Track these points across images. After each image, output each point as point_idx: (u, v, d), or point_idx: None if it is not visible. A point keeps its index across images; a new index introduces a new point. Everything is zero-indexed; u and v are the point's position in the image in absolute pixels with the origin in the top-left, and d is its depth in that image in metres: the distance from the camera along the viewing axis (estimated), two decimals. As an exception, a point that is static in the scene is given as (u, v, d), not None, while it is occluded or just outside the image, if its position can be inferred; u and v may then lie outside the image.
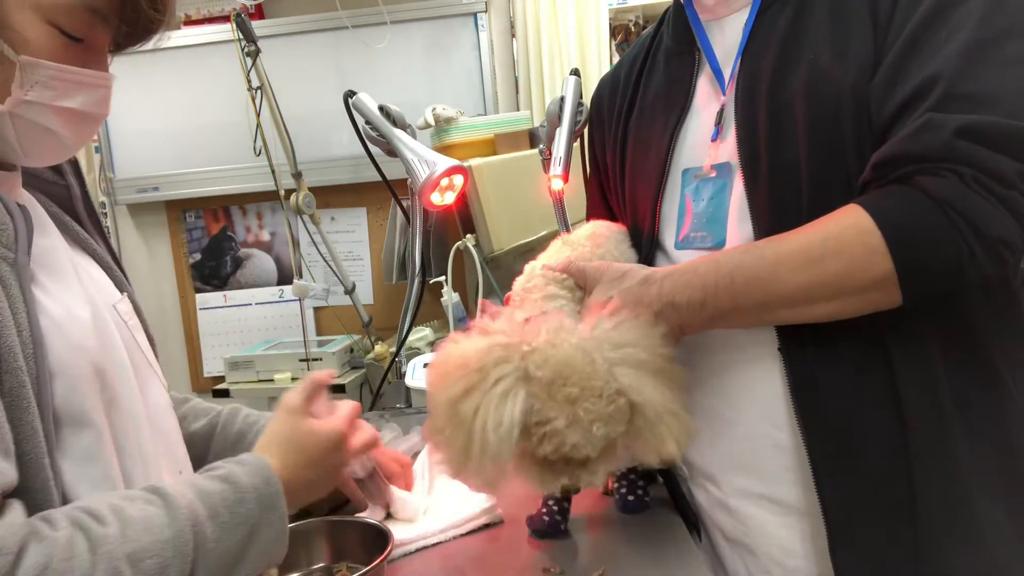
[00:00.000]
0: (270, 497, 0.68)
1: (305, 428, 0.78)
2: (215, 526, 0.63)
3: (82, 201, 0.82)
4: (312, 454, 0.77)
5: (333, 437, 0.79)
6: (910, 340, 0.77)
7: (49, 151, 0.69)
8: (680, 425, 0.77)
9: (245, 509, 0.66)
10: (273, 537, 0.68)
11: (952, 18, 0.72)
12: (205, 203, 2.73)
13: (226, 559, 0.64)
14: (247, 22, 2.16)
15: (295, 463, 0.75)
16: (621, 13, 2.54)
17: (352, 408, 0.85)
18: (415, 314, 1.82)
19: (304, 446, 0.77)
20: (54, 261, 0.70)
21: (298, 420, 0.78)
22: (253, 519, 0.66)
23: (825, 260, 0.73)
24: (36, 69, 0.62)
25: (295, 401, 0.80)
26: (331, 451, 0.79)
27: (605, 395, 0.72)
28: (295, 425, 0.78)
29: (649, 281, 0.82)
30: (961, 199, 0.68)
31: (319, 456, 0.78)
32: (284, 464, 0.73)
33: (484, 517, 0.99)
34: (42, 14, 0.62)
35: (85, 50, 0.66)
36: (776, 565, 0.86)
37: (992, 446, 0.77)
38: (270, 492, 0.69)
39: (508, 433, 0.71)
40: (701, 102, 0.92)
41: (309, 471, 0.76)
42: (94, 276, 0.78)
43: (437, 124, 1.97)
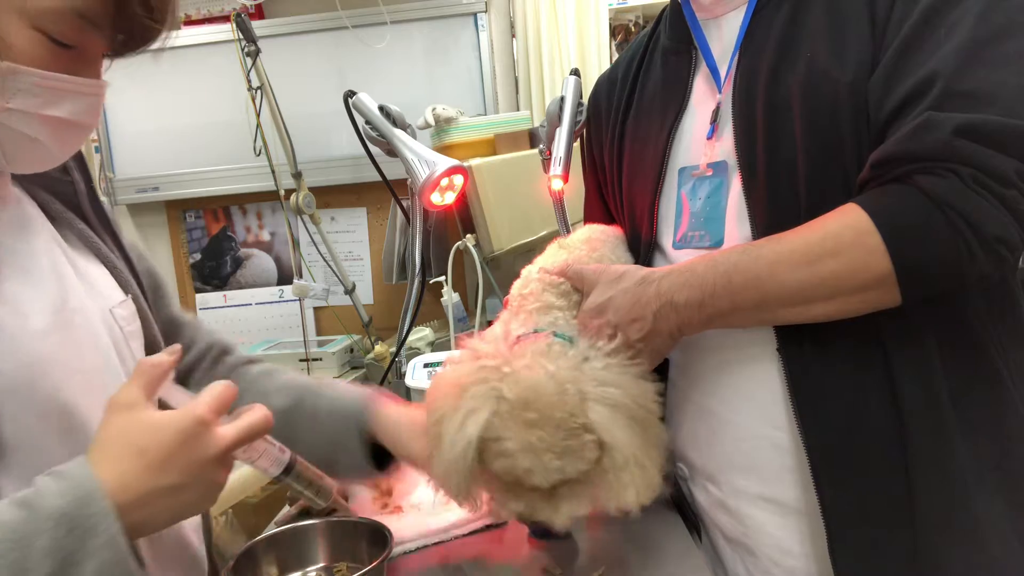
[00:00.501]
0: (87, 520, 0.54)
1: (143, 422, 0.59)
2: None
3: (88, 198, 0.80)
4: (158, 454, 0.58)
5: (187, 426, 0.59)
6: (909, 340, 0.77)
7: (33, 159, 0.66)
8: (646, 478, 0.74)
9: (46, 542, 0.52)
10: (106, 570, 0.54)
11: (950, 16, 0.72)
12: (205, 203, 2.73)
13: None
14: (247, 22, 2.16)
15: (136, 469, 0.57)
16: (621, 13, 2.54)
17: (218, 390, 0.63)
18: (415, 314, 1.82)
19: (144, 446, 0.58)
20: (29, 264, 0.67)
21: (132, 414, 0.60)
22: (63, 552, 0.53)
23: (823, 260, 0.73)
24: (18, 76, 0.59)
25: (126, 394, 0.61)
26: (187, 444, 0.59)
27: (565, 427, 0.71)
28: (129, 421, 0.59)
29: (647, 281, 0.82)
30: (960, 198, 0.68)
31: (169, 454, 0.58)
32: (119, 474, 0.57)
33: (487, 518, 0.99)
34: (28, 19, 0.59)
35: (76, 56, 0.63)
36: (775, 565, 0.86)
37: (990, 444, 0.77)
38: (87, 515, 0.54)
39: (465, 446, 0.72)
40: (698, 100, 0.92)
41: (161, 476, 0.58)
42: (91, 276, 0.76)
43: (437, 124, 1.97)
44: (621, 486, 0.74)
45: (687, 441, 0.94)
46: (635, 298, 0.81)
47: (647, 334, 0.80)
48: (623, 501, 0.74)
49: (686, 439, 0.94)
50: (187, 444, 0.59)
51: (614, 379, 0.75)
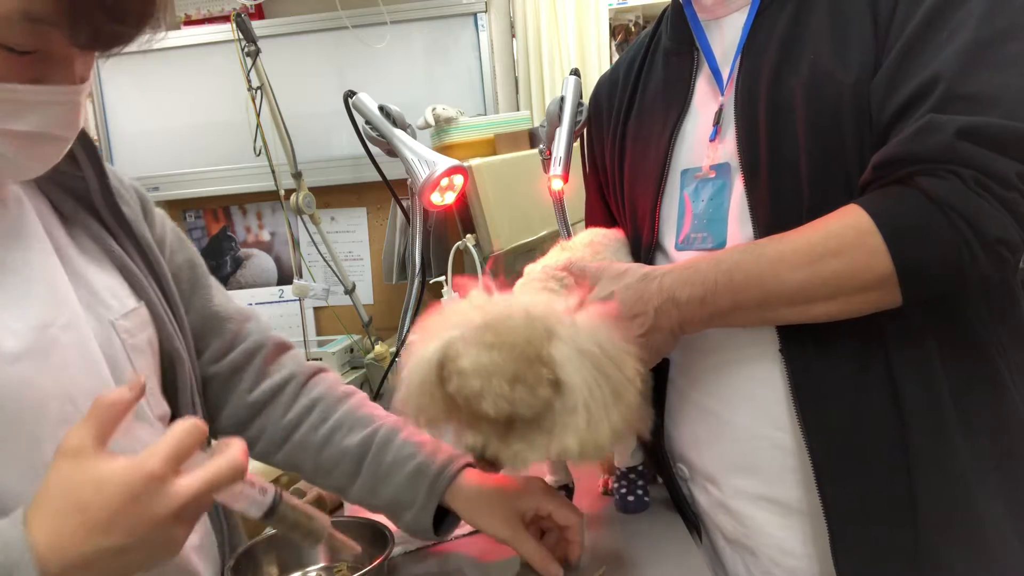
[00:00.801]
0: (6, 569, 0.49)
1: (88, 476, 0.52)
2: None
3: (101, 194, 0.75)
4: (101, 513, 0.51)
5: (134, 482, 0.51)
6: (910, 340, 0.77)
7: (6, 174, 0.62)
8: (593, 432, 0.70)
9: None
10: None
11: (953, 19, 0.72)
12: (205, 203, 2.73)
13: None
14: (247, 22, 2.16)
15: (73, 529, 0.51)
16: (621, 13, 2.54)
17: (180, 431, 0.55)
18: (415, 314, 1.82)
19: (85, 503, 0.51)
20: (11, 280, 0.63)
21: (78, 464, 0.52)
22: None
23: (825, 259, 0.73)
24: None
25: (76, 438, 0.53)
26: (136, 503, 0.51)
27: (522, 355, 0.68)
28: (73, 472, 0.52)
29: (649, 277, 0.82)
30: (962, 200, 0.68)
31: (114, 513, 0.51)
32: (56, 533, 0.51)
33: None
34: None
35: (40, 61, 0.57)
36: (776, 566, 0.86)
37: (991, 446, 0.78)
38: (9, 563, 0.49)
39: (425, 364, 0.72)
40: (700, 102, 0.92)
41: (101, 537, 0.51)
42: (97, 284, 0.72)
43: (437, 124, 1.97)
44: (563, 429, 0.70)
45: (688, 442, 0.94)
46: (637, 294, 0.81)
47: (648, 330, 0.80)
48: (562, 445, 0.70)
49: (687, 440, 0.94)
50: (134, 502, 0.52)
51: (592, 330, 0.73)
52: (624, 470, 0.97)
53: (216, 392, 0.91)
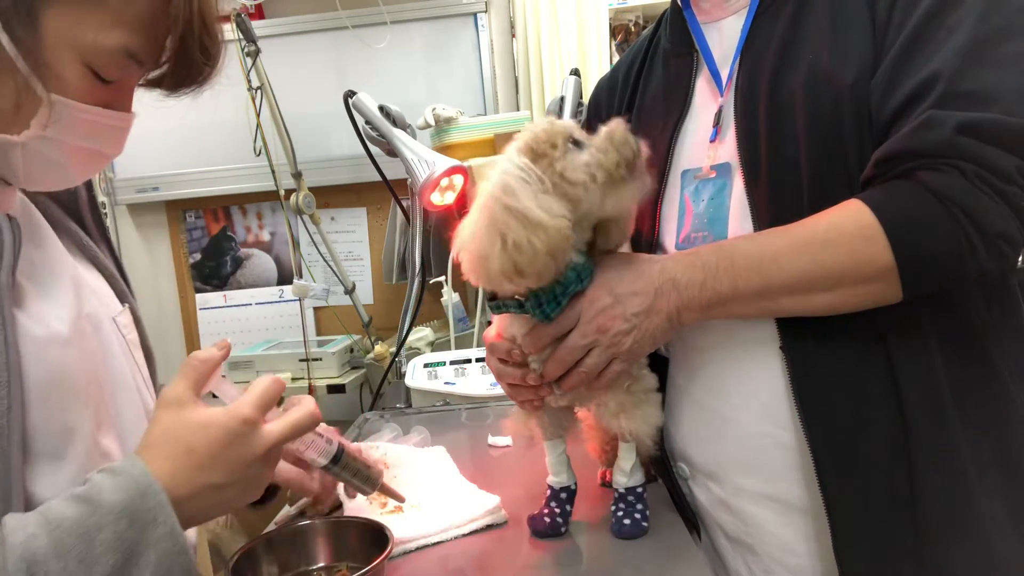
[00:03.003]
0: (147, 513, 0.56)
1: (191, 421, 0.61)
2: (64, 562, 0.52)
3: (88, 207, 0.80)
4: (206, 453, 0.60)
5: (232, 426, 0.61)
6: (910, 338, 0.77)
7: (52, 181, 0.67)
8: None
9: (110, 534, 0.54)
10: (164, 559, 0.56)
11: (951, 18, 0.72)
12: (205, 203, 2.73)
13: None
14: (247, 22, 2.15)
15: (185, 467, 0.59)
16: (621, 13, 2.54)
17: (265, 385, 0.65)
18: (415, 314, 1.82)
19: (192, 445, 0.60)
20: (46, 274, 0.67)
21: (181, 413, 0.62)
22: (127, 543, 0.55)
23: (826, 249, 0.74)
24: (62, 109, 0.60)
25: (176, 391, 0.63)
26: (233, 444, 0.61)
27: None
28: (177, 420, 0.61)
29: (652, 260, 0.83)
30: (962, 194, 0.68)
31: (216, 453, 0.61)
32: (171, 471, 0.59)
33: (488, 518, 0.99)
34: (79, 55, 0.59)
35: (113, 89, 0.64)
36: (778, 564, 0.86)
37: (991, 443, 0.78)
38: (147, 508, 0.56)
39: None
40: (700, 103, 0.92)
41: (208, 473, 0.60)
42: (95, 287, 0.75)
43: (437, 124, 1.97)
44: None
45: (688, 440, 0.94)
46: (639, 273, 0.82)
47: (645, 309, 0.80)
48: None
49: (687, 437, 0.94)
50: (233, 444, 0.61)
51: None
52: (623, 491, 0.93)
53: None
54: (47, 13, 0.57)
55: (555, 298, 0.80)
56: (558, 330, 0.82)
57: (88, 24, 0.59)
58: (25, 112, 0.59)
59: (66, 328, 0.65)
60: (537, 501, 0.97)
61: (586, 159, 0.75)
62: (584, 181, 0.75)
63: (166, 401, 0.63)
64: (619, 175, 0.75)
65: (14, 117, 0.59)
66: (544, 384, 0.86)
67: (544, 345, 0.83)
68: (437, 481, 1.11)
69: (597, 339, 0.81)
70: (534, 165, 0.76)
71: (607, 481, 1.05)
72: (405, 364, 1.79)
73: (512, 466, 1.24)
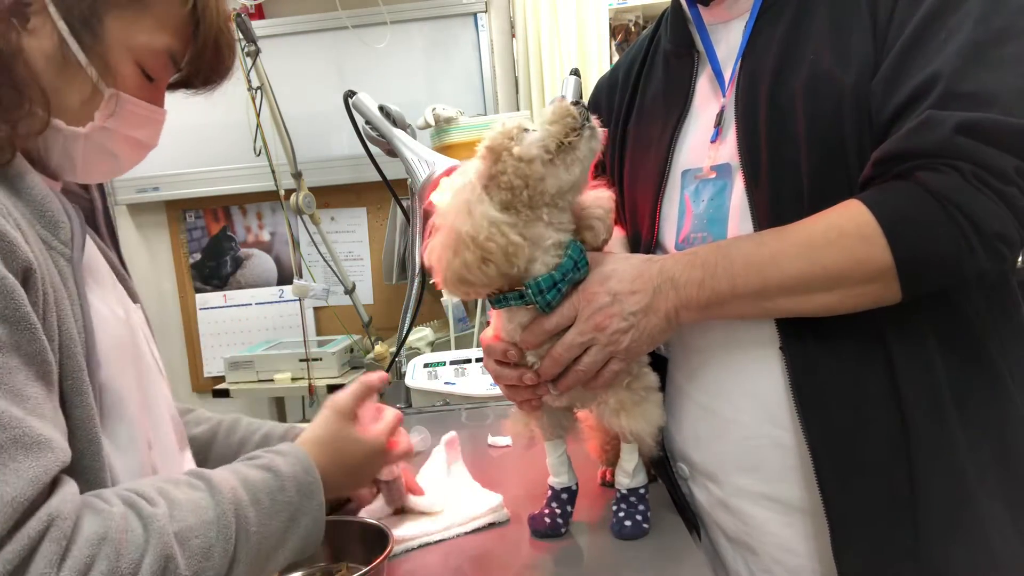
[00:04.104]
0: (309, 486, 0.72)
1: (351, 435, 0.82)
2: (257, 511, 0.66)
3: (103, 216, 0.86)
4: (352, 462, 0.82)
5: (377, 448, 0.84)
6: (910, 338, 0.77)
7: (104, 171, 0.76)
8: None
9: (285, 497, 0.69)
10: (311, 525, 0.71)
11: (951, 19, 0.72)
12: (205, 203, 2.73)
13: (267, 544, 0.67)
14: (247, 22, 2.16)
15: (334, 465, 0.78)
16: (621, 13, 2.54)
17: (395, 418, 0.89)
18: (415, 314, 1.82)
19: (346, 453, 0.81)
20: (95, 264, 0.75)
21: (344, 425, 0.82)
22: (293, 506, 0.69)
23: (824, 249, 0.74)
24: (120, 102, 0.70)
25: (344, 403, 0.83)
26: (371, 462, 0.84)
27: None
28: (340, 430, 0.82)
29: (652, 260, 0.83)
30: (960, 194, 0.68)
31: (359, 464, 0.83)
32: (322, 464, 0.75)
33: (489, 516, 0.99)
34: (133, 55, 0.70)
35: (154, 88, 0.74)
36: (778, 564, 0.86)
37: (991, 443, 0.78)
38: (309, 481, 0.72)
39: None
40: (700, 104, 0.92)
41: (344, 476, 0.81)
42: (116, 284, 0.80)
43: (437, 124, 1.97)
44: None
45: (688, 440, 0.94)
46: (638, 272, 0.82)
47: (643, 308, 0.81)
48: None
49: (687, 438, 0.94)
50: (372, 463, 0.86)
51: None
52: (624, 492, 0.94)
53: None
54: (108, 20, 0.68)
55: (555, 284, 0.80)
56: (556, 325, 0.82)
57: (140, 28, 0.69)
58: (88, 107, 0.69)
59: (118, 309, 0.74)
60: (537, 501, 0.97)
61: (537, 136, 0.79)
62: (538, 155, 0.78)
63: (334, 407, 0.83)
64: (569, 142, 0.78)
65: (80, 111, 0.69)
66: (541, 384, 0.86)
67: (541, 341, 0.83)
68: (441, 479, 1.12)
69: (595, 337, 0.81)
70: (495, 164, 0.79)
71: (607, 480, 1.05)
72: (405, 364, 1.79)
73: (512, 466, 1.24)
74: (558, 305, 0.81)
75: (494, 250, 0.77)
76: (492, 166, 0.79)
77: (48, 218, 0.66)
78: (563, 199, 0.81)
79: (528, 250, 0.79)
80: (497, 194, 0.79)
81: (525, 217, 0.80)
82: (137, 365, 0.74)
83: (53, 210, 0.66)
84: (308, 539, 0.71)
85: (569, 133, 0.78)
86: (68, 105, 0.68)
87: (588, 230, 0.85)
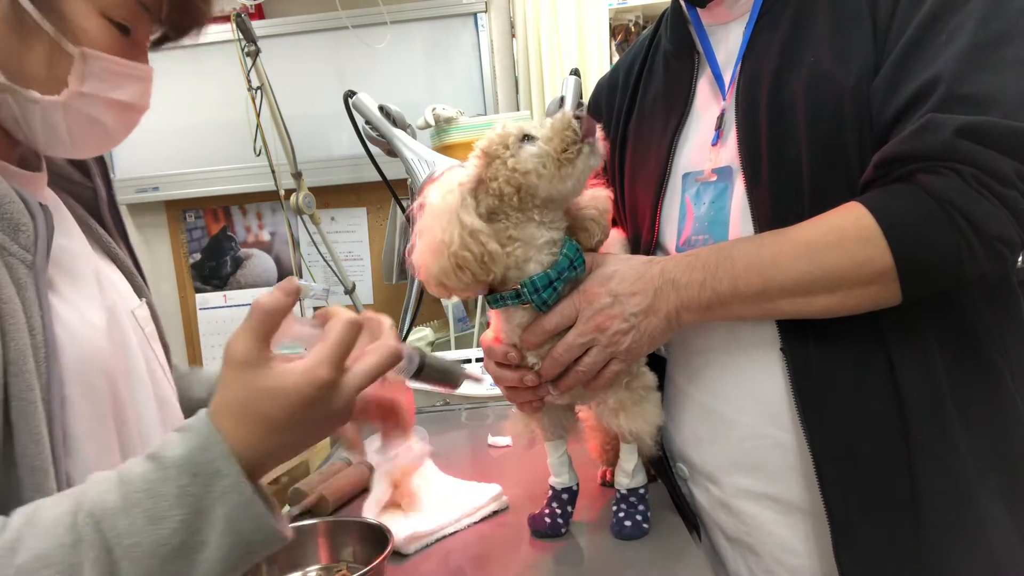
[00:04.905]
0: (209, 465, 0.53)
1: (264, 387, 0.56)
2: (131, 517, 0.51)
3: (107, 204, 0.82)
4: (282, 418, 0.56)
5: (310, 392, 0.56)
6: (911, 339, 0.77)
7: (96, 142, 0.70)
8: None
9: (172, 488, 0.52)
10: (236, 513, 0.53)
11: (951, 21, 0.72)
12: (205, 203, 2.73)
13: (166, 553, 0.51)
14: (247, 22, 2.15)
15: (259, 431, 0.56)
16: (621, 13, 2.54)
17: (341, 333, 0.58)
18: (415, 314, 1.82)
19: (266, 412, 0.56)
20: (74, 264, 0.69)
21: (252, 377, 0.56)
22: (191, 497, 0.52)
23: (825, 251, 0.74)
24: (93, 61, 0.64)
25: (243, 348, 0.56)
26: (310, 407, 0.57)
27: None
28: (249, 385, 0.56)
29: (653, 261, 0.84)
30: (961, 197, 0.68)
31: (293, 418, 0.56)
32: (245, 434, 0.56)
33: (493, 504, 1.03)
34: (96, 5, 0.63)
35: (131, 43, 0.67)
36: (778, 564, 0.86)
37: (992, 444, 0.78)
38: (209, 459, 0.53)
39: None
40: (701, 106, 0.92)
41: (284, 435, 0.57)
42: (115, 281, 0.77)
43: (437, 124, 1.97)
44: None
45: (688, 440, 0.94)
46: (639, 273, 0.82)
47: (644, 309, 0.81)
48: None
49: (687, 438, 0.94)
50: (310, 407, 0.57)
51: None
52: (624, 492, 0.94)
53: None
54: None
55: (550, 283, 0.80)
56: (556, 325, 0.82)
57: None
58: (59, 71, 0.63)
59: (95, 316, 0.67)
60: (538, 501, 0.97)
61: (534, 150, 0.79)
62: (534, 169, 0.78)
63: (233, 359, 0.57)
64: (567, 157, 0.78)
65: (49, 77, 0.62)
66: (542, 385, 0.86)
67: (542, 341, 0.83)
68: (428, 481, 1.13)
69: (595, 338, 0.81)
70: (487, 169, 0.80)
71: (607, 480, 1.05)
72: (405, 364, 1.79)
73: (512, 466, 1.24)
74: (554, 304, 0.81)
75: (469, 259, 0.77)
76: (484, 170, 0.80)
77: (7, 220, 0.60)
78: (555, 203, 0.81)
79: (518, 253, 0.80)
80: (485, 199, 0.80)
81: (515, 220, 0.80)
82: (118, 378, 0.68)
83: (13, 211, 0.60)
84: (241, 533, 0.53)
85: (568, 147, 0.78)
86: (34, 72, 0.62)
87: (583, 231, 0.85)
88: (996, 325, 0.80)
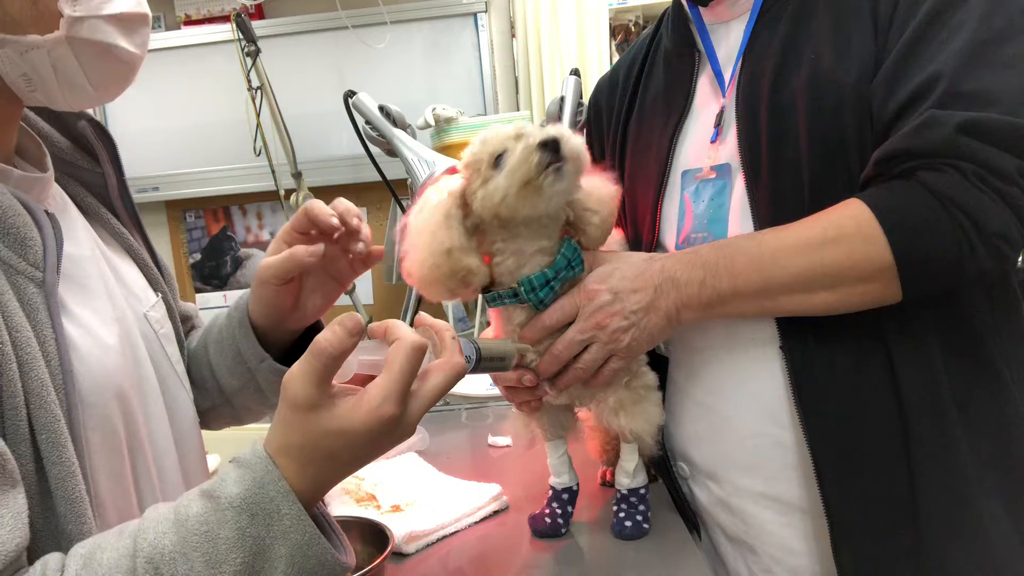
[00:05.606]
0: (268, 504, 0.51)
1: (329, 430, 0.54)
2: (190, 562, 0.49)
3: (119, 192, 0.78)
4: (349, 458, 0.56)
5: (375, 428, 0.54)
6: (911, 338, 0.77)
7: (114, 73, 0.64)
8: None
9: (232, 531, 0.50)
10: (298, 553, 0.51)
11: (952, 19, 0.72)
12: (205, 203, 2.73)
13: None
14: (247, 22, 2.16)
15: (327, 471, 0.55)
16: (621, 13, 2.55)
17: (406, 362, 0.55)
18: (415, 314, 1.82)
19: (333, 452, 0.55)
20: (83, 273, 0.66)
21: (315, 419, 0.54)
22: (249, 540, 0.50)
23: (825, 248, 0.74)
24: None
25: (303, 392, 0.54)
26: (376, 444, 0.56)
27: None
28: (313, 427, 0.54)
29: (653, 259, 0.83)
30: (962, 194, 0.68)
31: (360, 454, 0.56)
32: (312, 476, 0.54)
33: (493, 504, 1.03)
34: None
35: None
36: (777, 564, 0.86)
37: (991, 443, 0.78)
38: (268, 498, 0.51)
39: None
40: (701, 104, 0.92)
41: (346, 469, 0.57)
42: (127, 278, 0.74)
43: (437, 124, 1.97)
44: None
45: (688, 439, 0.94)
46: (639, 271, 0.82)
47: (644, 307, 0.81)
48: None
49: (687, 437, 0.94)
50: (376, 443, 0.56)
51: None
52: (625, 492, 0.93)
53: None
54: None
55: (547, 282, 0.80)
56: (556, 321, 0.82)
57: None
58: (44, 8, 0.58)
59: (106, 334, 0.64)
60: (538, 501, 0.97)
61: (500, 181, 0.77)
62: (501, 201, 0.76)
63: (295, 402, 0.54)
64: (534, 187, 0.76)
65: (38, 13, 0.57)
66: (540, 384, 0.86)
67: (541, 337, 0.83)
68: (425, 482, 1.13)
69: (595, 335, 0.81)
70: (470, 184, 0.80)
71: (607, 480, 1.05)
72: (405, 364, 1.79)
73: (512, 466, 1.24)
74: (551, 303, 0.81)
75: (446, 274, 0.78)
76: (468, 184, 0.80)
77: (13, 235, 0.56)
78: (537, 220, 0.80)
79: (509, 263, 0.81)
80: (471, 215, 0.80)
81: (502, 235, 0.80)
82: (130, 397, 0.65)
83: (18, 224, 0.56)
84: (304, 571, 0.52)
85: (532, 180, 0.75)
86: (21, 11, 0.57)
87: (582, 233, 0.85)
88: (996, 325, 0.80)
